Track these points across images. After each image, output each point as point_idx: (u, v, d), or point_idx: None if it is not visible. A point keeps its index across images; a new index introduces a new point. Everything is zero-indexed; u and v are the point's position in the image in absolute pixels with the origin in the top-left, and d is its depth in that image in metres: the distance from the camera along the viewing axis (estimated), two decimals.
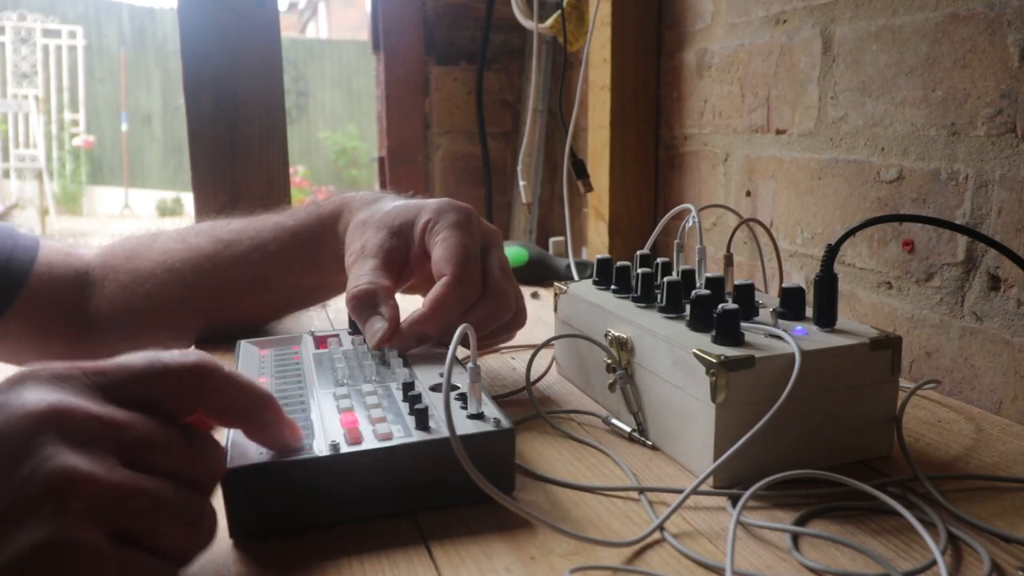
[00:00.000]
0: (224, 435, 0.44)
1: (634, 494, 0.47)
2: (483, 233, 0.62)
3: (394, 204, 0.65)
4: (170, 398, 0.35)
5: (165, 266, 0.71)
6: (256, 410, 0.38)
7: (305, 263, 0.71)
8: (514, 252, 1.05)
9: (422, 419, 0.44)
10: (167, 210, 8.51)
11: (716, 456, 0.46)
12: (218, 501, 0.41)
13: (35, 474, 0.29)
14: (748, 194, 0.93)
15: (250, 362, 0.59)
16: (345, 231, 0.67)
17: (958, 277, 0.66)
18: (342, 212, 0.69)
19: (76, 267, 0.72)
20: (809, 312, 0.54)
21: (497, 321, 0.60)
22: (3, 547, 0.28)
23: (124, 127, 8.67)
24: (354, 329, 0.63)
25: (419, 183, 1.43)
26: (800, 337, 0.50)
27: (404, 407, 0.47)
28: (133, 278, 0.71)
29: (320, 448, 0.42)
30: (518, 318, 0.63)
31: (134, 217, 8.16)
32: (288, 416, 0.41)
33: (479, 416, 0.45)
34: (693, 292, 0.53)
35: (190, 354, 0.36)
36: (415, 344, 0.58)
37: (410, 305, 0.59)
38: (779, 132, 0.87)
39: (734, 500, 0.44)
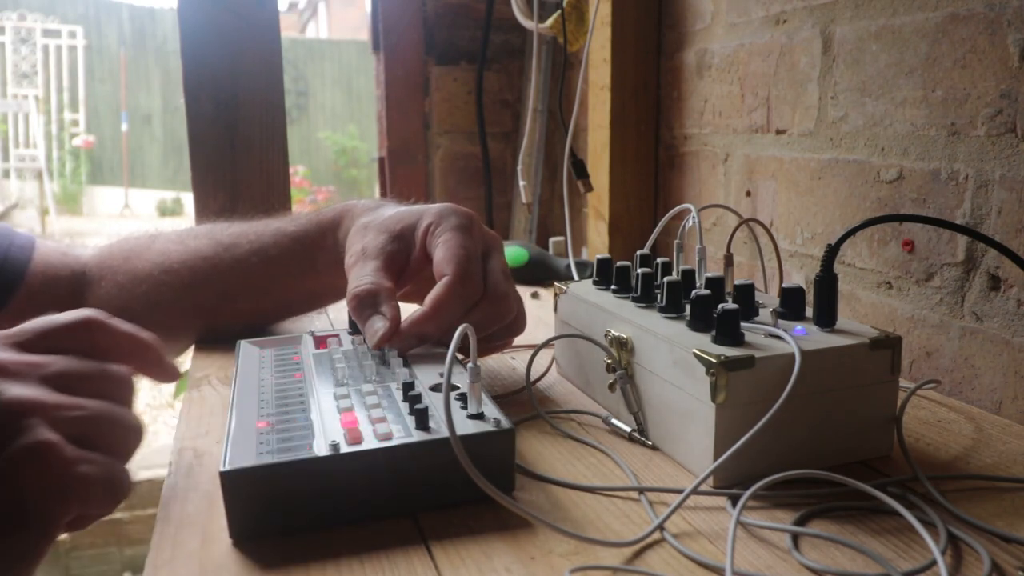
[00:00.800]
0: (224, 437, 0.44)
1: (634, 494, 0.47)
2: (484, 237, 0.63)
3: (396, 210, 0.65)
4: (69, 346, 0.41)
5: (163, 267, 0.71)
6: (142, 351, 0.45)
7: (304, 268, 0.71)
8: (514, 252, 1.05)
9: (422, 419, 0.44)
10: (167, 210, 8.51)
11: (716, 456, 0.46)
12: (218, 502, 0.41)
13: None
14: (748, 194, 0.93)
15: (250, 362, 0.59)
16: (346, 237, 0.67)
17: (958, 277, 0.66)
18: (343, 218, 0.69)
19: (73, 267, 0.72)
20: (809, 312, 0.54)
21: (497, 323, 0.60)
22: None
23: (124, 127, 8.68)
24: (354, 329, 0.63)
25: (419, 183, 1.43)
26: (800, 337, 0.50)
27: (404, 407, 0.47)
28: (130, 279, 0.71)
29: (320, 448, 0.42)
30: (518, 322, 0.63)
31: (134, 217, 8.17)
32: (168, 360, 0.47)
33: (479, 416, 0.45)
34: (693, 292, 0.53)
35: (80, 311, 0.43)
36: (415, 344, 0.58)
37: (410, 309, 0.59)
38: (779, 132, 0.87)
39: (734, 500, 0.44)
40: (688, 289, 0.56)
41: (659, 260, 0.63)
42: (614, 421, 0.57)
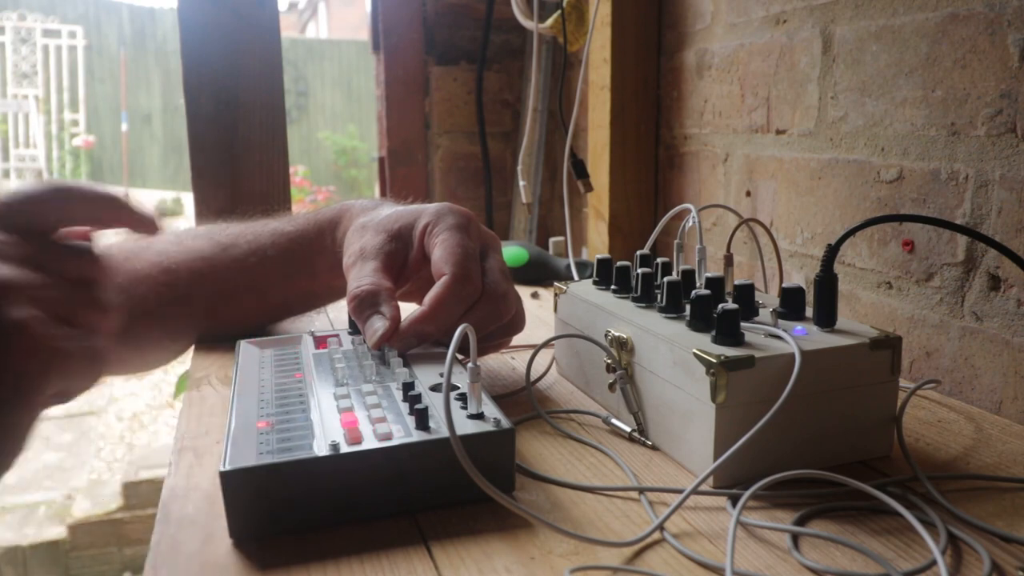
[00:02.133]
0: (224, 437, 0.44)
1: (634, 494, 0.47)
2: (482, 237, 0.63)
3: (394, 209, 0.66)
4: (38, 217, 0.41)
5: (161, 268, 0.71)
6: (114, 209, 0.43)
7: (302, 269, 0.71)
8: (514, 252, 1.05)
9: (422, 419, 0.44)
10: (167, 210, 8.50)
11: (716, 456, 0.46)
12: (218, 502, 0.41)
13: None
14: (748, 194, 0.93)
15: (250, 362, 0.59)
16: (344, 237, 0.67)
17: (958, 277, 0.66)
18: (341, 218, 0.69)
19: None
20: (809, 312, 0.54)
21: (497, 322, 0.60)
22: None
23: (124, 127, 8.67)
24: (354, 329, 0.63)
25: (419, 183, 1.43)
26: (800, 337, 0.50)
27: (404, 407, 0.47)
28: (129, 279, 0.71)
29: (320, 448, 0.42)
30: (517, 321, 0.63)
31: None
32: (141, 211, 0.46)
33: (479, 416, 0.45)
34: (693, 292, 0.53)
35: (43, 181, 0.42)
36: (415, 343, 0.58)
37: (410, 309, 0.59)
38: (779, 132, 0.87)
39: (734, 500, 0.44)
40: (688, 289, 0.56)
41: (659, 260, 0.63)
42: (614, 421, 0.57)
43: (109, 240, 0.78)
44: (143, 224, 0.45)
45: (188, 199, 3.82)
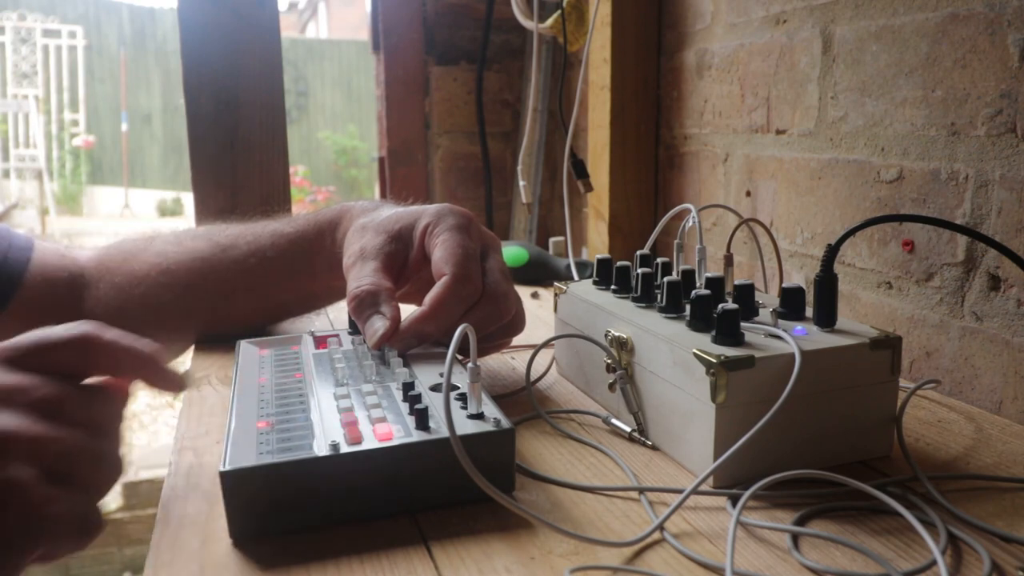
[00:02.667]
0: (224, 437, 0.44)
1: (634, 494, 0.47)
2: (482, 237, 0.63)
3: (393, 210, 0.66)
4: (64, 364, 0.39)
5: (160, 268, 0.71)
6: (142, 363, 0.42)
7: (302, 269, 0.71)
8: (514, 252, 1.05)
9: (422, 419, 0.44)
10: (167, 210, 8.51)
11: (716, 456, 0.46)
12: (219, 502, 0.41)
13: None
14: (748, 194, 0.93)
15: (250, 362, 0.59)
16: (344, 238, 0.67)
17: (958, 277, 0.66)
18: (341, 219, 0.69)
19: (71, 269, 0.72)
20: (809, 312, 0.54)
21: (497, 323, 0.60)
22: None
23: (124, 127, 8.67)
24: (354, 329, 0.63)
25: (419, 183, 1.43)
26: (800, 337, 0.50)
27: (404, 407, 0.47)
28: (128, 280, 0.71)
29: (320, 448, 0.42)
30: (517, 321, 0.63)
31: (134, 217, 8.17)
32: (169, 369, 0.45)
33: (479, 416, 0.45)
34: (693, 292, 0.53)
35: (77, 325, 0.41)
36: (415, 344, 0.58)
37: (410, 309, 0.59)
38: (779, 132, 0.87)
39: (734, 500, 0.44)
40: (688, 289, 0.56)
41: (659, 260, 0.63)
42: (614, 421, 0.56)
43: (108, 240, 0.78)
44: (169, 384, 0.44)
45: (188, 199, 3.82)
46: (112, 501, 2.72)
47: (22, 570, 0.35)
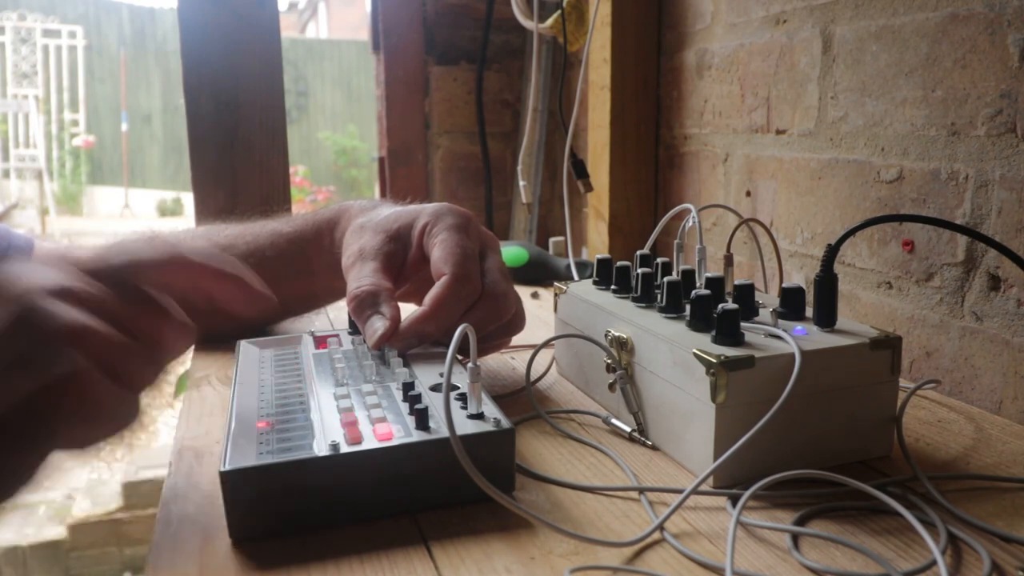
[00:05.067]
0: (224, 437, 0.44)
1: (634, 494, 0.47)
2: (481, 236, 0.63)
3: (392, 210, 0.66)
4: (148, 283, 0.42)
5: None
6: (229, 286, 0.46)
7: (301, 269, 0.71)
8: (514, 252, 1.05)
9: (422, 419, 0.44)
10: (167, 210, 8.51)
11: (716, 456, 0.46)
12: (218, 502, 0.41)
13: (52, 324, 0.36)
14: (748, 194, 0.93)
15: (250, 362, 0.59)
16: (342, 237, 0.67)
17: (958, 277, 0.66)
18: (339, 219, 0.69)
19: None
20: (809, 312, 0.54)
21: (496, 322, 0.60)
22: (32, 377, 0.35)
23: (124, 127, 8.67)
24: (354, 329, 0.63)
25: (419, 183, 1.42)
26: (800, 337, 0.50)
27: (404, 407, 0.47)
28: None
29: (320, 448, 0.42)
30: (516, 321, 0.63)
31: (134, 217, 8.16)
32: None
33: (479, 416, 0.45)
34: (693, 292, 0.53)
35: (165, 249, 0.44)
36: (415, 344, 0.58)
37: (409, 309, 0.59)
38: (779, 132, 0.87)
39: (734, 500, 0.44)
40: (688, 289, 0.56)
41: (659, 260, 0.63)
42: (614, 421, 0.56)
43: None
44: (256, 302, 0.47)
45: (188, 199, 3.82)
46: (112, 501, 2.72)
47: (52, 451, 0.37)
